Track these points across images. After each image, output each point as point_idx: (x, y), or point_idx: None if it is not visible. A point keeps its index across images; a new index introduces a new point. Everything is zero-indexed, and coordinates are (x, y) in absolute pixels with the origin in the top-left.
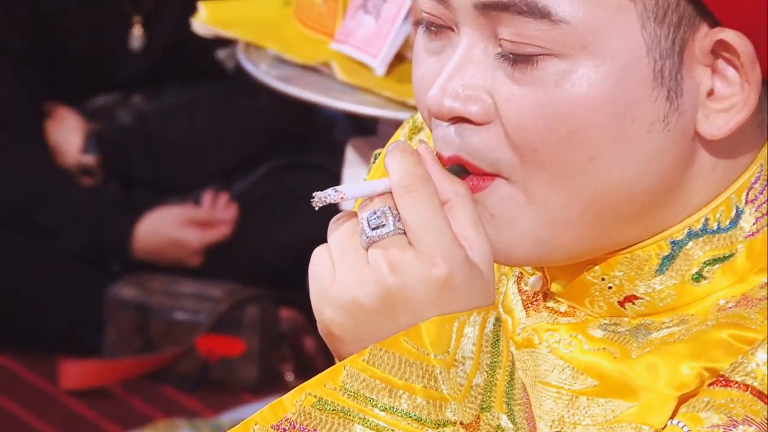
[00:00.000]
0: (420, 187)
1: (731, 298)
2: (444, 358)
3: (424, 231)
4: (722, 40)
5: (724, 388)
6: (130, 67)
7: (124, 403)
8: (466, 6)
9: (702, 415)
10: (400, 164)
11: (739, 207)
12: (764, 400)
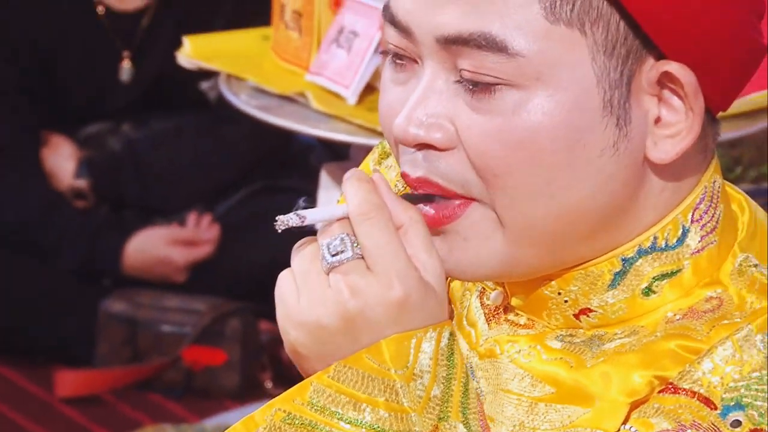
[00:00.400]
0: (376, 215)
1: (678, 311)
2: (404, 373)
3: (381, 256)
4: (667, 72)
5: (673, 395)
6: (119, 97)
7: (114, 410)
8: (429, 40)
9: (652, 421)
10: (357, 192)
11: (686, 226)
12: (710, 406)
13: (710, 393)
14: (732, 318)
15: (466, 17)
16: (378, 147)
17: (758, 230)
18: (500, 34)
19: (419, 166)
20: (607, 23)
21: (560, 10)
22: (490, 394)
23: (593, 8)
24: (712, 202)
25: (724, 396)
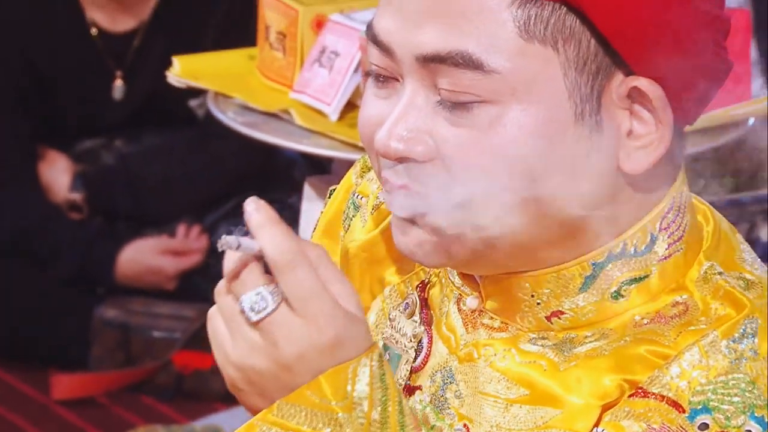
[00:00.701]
0: (297, 263)
1: (646, 315)
2: (344, 404)
3: (308, 302)
4: (636, 87)
5: (643, 398)
6: (112, 114)
7: (108, 412)
8: (409, 59)
9: (623, 424)
10: (274, 240)
11: (654, 234)
12: (679, 409)
13: (678, 397)
14: (698, 324)
15: (443, 37)
16: (360, 161)
17: (722, 240)
18: (476, 52)
19: (401, 175)
20: (578, 41)
21: (534, 28)
22: (469, 396)
23: (566, 27)
24: (679, 212)
25: (691, 399)
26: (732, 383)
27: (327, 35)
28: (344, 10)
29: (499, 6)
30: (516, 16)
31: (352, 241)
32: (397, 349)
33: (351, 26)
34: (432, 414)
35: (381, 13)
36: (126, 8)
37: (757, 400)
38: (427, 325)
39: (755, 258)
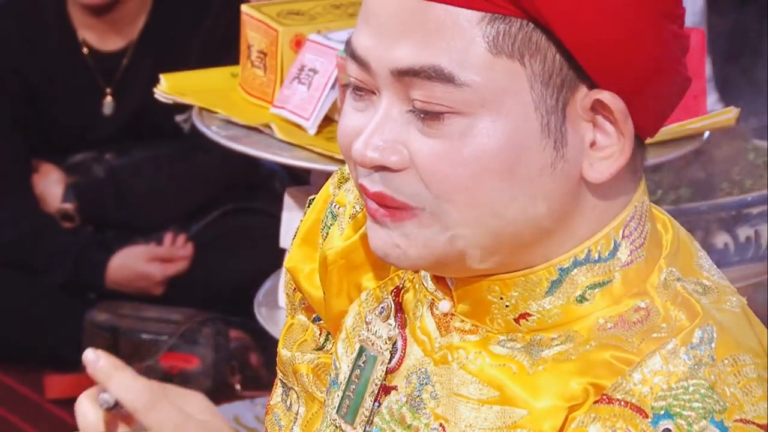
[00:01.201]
0: (156, 400)
1: (609, 318)
2: None
3: None
4: (599, 100)
5: (608, 405)
6: (102, 129)
7: None
8: (385, 73)
9: (590, 429)
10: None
11: (617, 241)
12: (642, 414)
13: (641, 402)
14: (659, 331)
15: (417, 52)
16: (337, 172)
17: (681, 247)
18: (448, 66)
19: (376, 182)
20: (544, 56)
21: (502, 43)
22: (444, 397)
23: (532, 42)
24: (641, 221)
25: (654, 405)
26: (692, 389)
27: (305, 54)
28: (321, 30)
29: (469, 23)
30: (485, 32)
31: (330, 248)
32: (373, 351)
33: (328, 45)
34: (408, 413)
35: (359, 30)
36: (115, 29)
37: (716, 405)
38: (401, 328)
39: (711, 264)
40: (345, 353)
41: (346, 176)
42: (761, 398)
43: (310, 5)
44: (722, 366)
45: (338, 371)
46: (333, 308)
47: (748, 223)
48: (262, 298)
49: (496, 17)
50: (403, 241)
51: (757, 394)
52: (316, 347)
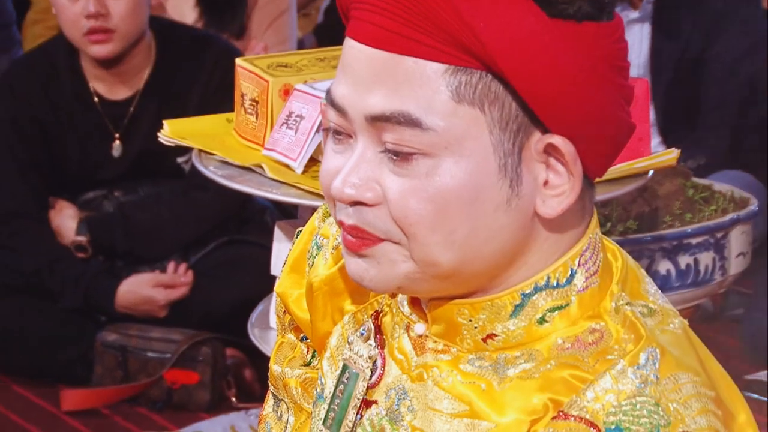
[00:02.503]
0: None
1: (566, 338)
2: None
3: None
4: (551, 144)
5: (564, 420)
6: (112, 169)
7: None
8: (360, 118)
9: None
10: None
11: (573, 269)
12: (595, 428)
13: (594, 417)
14: (612, 353)
15: (388, 99)
16: (321, 208)
17: (629, 274)
18: (416, 112)
19: (351, 216)
20: (502, 104)
21: (464, 92)
22: (420, 411)
23: (491, 91)
24: (594, 251)
25: (605, 420)
26: (639, 405)
27: (293, 102)
28: (308, 80)
29: (434, 74)
30: (449, 82)
31: (316, 276)
32: (355, 369)
33: (313, 94)
34: (388, 425)
35: (337, 80)
36: (122, 80)
37: (661, 419)
38: (380, 348)
39: (657, 289)
40: (330, 370)
41: (329, 212)
42: (700, 411)
43: (297, 58)
44: (665, 384)
45: (324, 386)
46: (319, 330)
47: (688, 252)
48: (255, 319)
49: (459, 69)
50: (374, 268)
51: (696, 407)
52: (303, 363)
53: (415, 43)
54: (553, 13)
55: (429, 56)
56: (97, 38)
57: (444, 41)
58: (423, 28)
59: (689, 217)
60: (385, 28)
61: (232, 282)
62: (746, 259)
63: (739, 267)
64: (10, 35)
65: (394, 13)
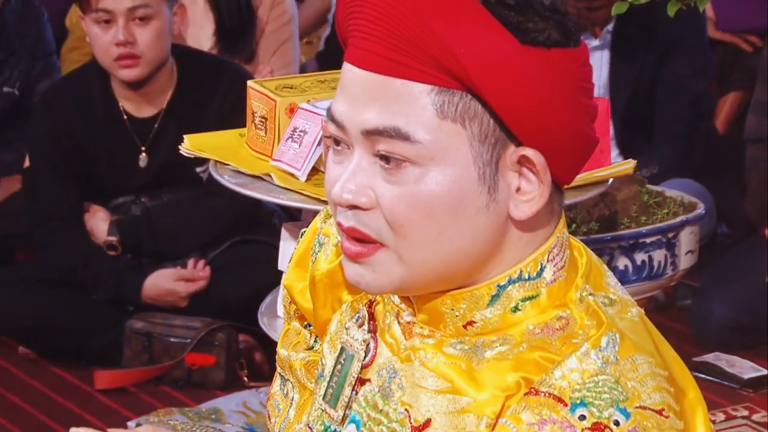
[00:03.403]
0: None
1: (537, 324)
2: None
3: None
4: (524, 155)
5: (535, 396)
6: (139, 178)
7: (136, 398)
8: (357, 132)
9: (522, 416)
10: None
11: (543, 264)
12: (562, 403)
13: (561, 393)
14: (576, 337)
15: (381, 116)
16: (323, 211)
17: (592, 268)
18: (405, 127)
19: (349, 219)
20: (480, 120)
21: (447, 110)
22: (408, 388)
23: (471, 109)
24: (562, 248)
25: (571, 396)
26: (601, 383)
27: (297, 119)
28: (310, 100)
29: (421, 93)
30: (434, 101)
31: (318, 270)
32: (351, 351)
33: (315, 112)
34: (380, 400)
35: (337, 99)
36: (148, 100)
37: (620, 395)
38: (373, 333)
39: (617, 282)
40: (329, 352)
41: (330, 214)
42: (654, 389)
43: (301, 81)
44: (624, 364)
45: (324, 366)
46: (320, 317)
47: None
48: (264, 309)
49: (442, 90)
50: (370, 274)
51: (651, 385)
52: (307, 348)
53: (404, 67)
54: (525, 41)
55: (416, 78)
56: (125, 63)
57: (429, 65)
58: (411, 53)
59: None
60: (377, 53)
61: (244, 276)
62: (694, 256)
63: (688, 263)
64: (51, 63)
65: (385, 41)
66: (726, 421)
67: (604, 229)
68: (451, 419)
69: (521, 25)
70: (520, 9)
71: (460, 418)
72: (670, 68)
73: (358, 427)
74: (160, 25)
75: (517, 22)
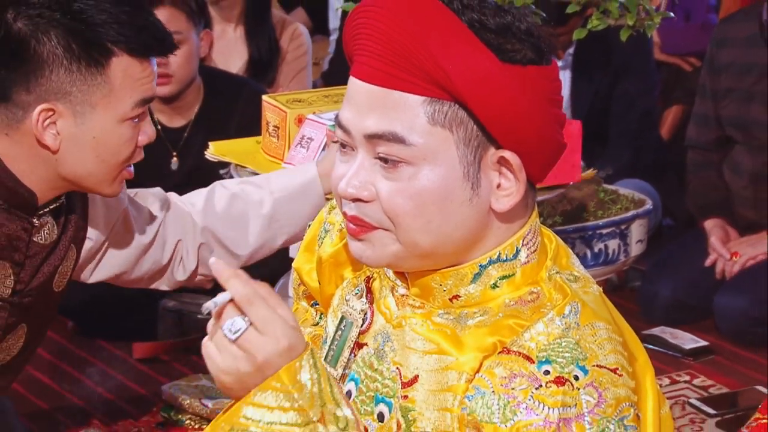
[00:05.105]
0: (255, 299)
1: (512, 299)
2: (296, 387)
3: (267, 324)
4: (503, 156)
5: (507, 354)
6: (171, 179)
7: (169, 365)
8: (360, 136)
9: (495, 371)
10: (236, 286)
11: (518, 248)
12: (530, 360)
13: (529, 352)
14: (545, 307)
15: (380, 122)
16: (328, 204)
17: (559, 251)
18: (401, 132)
19: (353, 209)
20: (466, 126)
21: (437, 117)
22: (400, 350)
23: (457, 117)
24: (534, 235)
25: (538, 354)
26: (564, 344)
27: (305, 128)
28: (316, 111)
29: (415, 104)
30: (426, 110)
31: (324, 252)
32: (350, 319)
33: (320, 122)
34: (375, 361)
35: (343, 107)
36: (179, 113)
37: (580, 355)
38: (370, 304)
39: (579, 264)
40: (332, 321)
41: (333, 206)
42: (611, 351)
43: (308, 95)
44: (584, 329)
45: (327, 334)
46: (325, 292)
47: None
48: (278, 290)
49: (434, 100)
50: (369, 249)
51: (608, 348)
52: (313, 324)
53: (401, 81)
54: (504, 59)
55: (411, 90)
56: (160, 81)
57: (423, 79)
58: (407, 69)
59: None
60: (378, 69)
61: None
62: (643, 244)
63: (638, 250)
64: None
65: (385, 58)
66: (670, 384)
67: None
68: (436, 375)
69: (501, 46)
70: (501, 32)
71: (444, 374)
72: (623, 86)
73: (357, 384)
74: (189, 48)
75: (497, 44)
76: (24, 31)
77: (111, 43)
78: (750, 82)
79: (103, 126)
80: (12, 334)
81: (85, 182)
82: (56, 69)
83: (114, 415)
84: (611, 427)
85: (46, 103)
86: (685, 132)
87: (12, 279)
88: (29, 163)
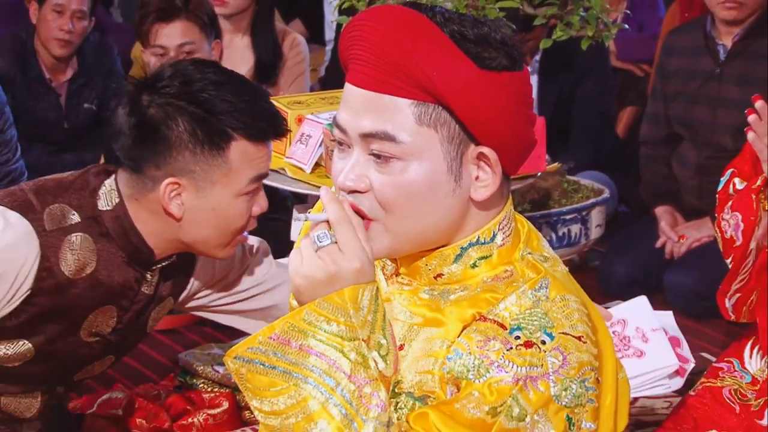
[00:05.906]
0: (344, 221)
1: (489, 277)
2: (354, 306)
3: (348, 245)
4: (482, 152)
5: (483, 322)
6: None
7: (184, 336)
8: (355, 135)
9: (472, 336)
10: (332, 207)
11: (495, 232)
12: (503, 327)
13: (503, 320)
14: (518, 283)
15: (374, 122)
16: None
17: (531, 235)
18: (391, 131)
19: (350, 199)
20: (449, 126)
21: (424, 118)
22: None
23: (441, 118)
24: (509, 221)
25: (511, 322)
26: (533, 314)
27: (304, 126)
28: (314, 112)
29: (404, 106)
30: (414, 112)
31: None
32: None
33: (318, 121)
34: None
35: (340, 110)
36: None
37: (548, 323)
38: None
39: (548, 245)
40: None
41: None
42: (577, 321)
43: (307, 98)
44: (555, 301)
45: None
46: None
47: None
48: None
49: (420, 103)
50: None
51: (575, 318)
52: None
53: (391, 86)
54: (482, 66)
55: (400, 94)
56: None
57: (410, 84)
58: (396, 76)
59: (564, 201)
60: (371, 76)
61: None
62: (602, 228)
63: (597, 234)
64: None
65: (377, 66)
66: None
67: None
68: (422, 344)
69: (479, 55)
70: (478, 42)
71: (429, 342)
72: (583, 89)
73: None
74: (202, 57)
75: (476, 52)
76: (156, 117)
77: (231, 130)
78: (695, 86)
79: (221, 200)
80: (99, 362)
81: (201, 246)
82: (182, 151)
83: (136, 379)
84: (573, 387)
85: (173, 178)
86: (638, 130)
87: (114, 320)
88: (154, 226)
